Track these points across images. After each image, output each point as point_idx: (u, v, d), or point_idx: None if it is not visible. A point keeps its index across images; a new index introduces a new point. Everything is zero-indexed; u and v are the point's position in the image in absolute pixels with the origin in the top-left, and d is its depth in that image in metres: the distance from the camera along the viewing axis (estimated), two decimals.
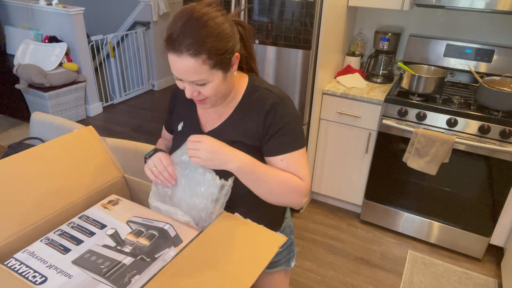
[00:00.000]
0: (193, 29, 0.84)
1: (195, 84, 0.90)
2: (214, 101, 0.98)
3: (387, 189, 2.36)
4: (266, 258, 0.80)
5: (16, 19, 4.06)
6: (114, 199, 1.02)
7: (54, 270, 0.77)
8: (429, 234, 2.34)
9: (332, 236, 2.45)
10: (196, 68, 0.86)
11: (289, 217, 1.24)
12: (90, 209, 0.97)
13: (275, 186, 0.95)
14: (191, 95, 0.93)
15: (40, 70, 3.41)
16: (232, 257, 0.79)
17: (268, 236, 0.85)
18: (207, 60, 0.86)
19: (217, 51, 0.86)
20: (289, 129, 0.98)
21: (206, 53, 0.85)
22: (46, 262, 0.79)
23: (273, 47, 2.16)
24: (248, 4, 2.11)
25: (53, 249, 0.83)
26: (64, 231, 0.89)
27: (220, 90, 0.94)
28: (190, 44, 0.84)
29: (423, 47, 2.43)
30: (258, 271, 0.76)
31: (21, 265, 0.79)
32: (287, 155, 0.98)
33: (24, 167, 0.97)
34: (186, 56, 0.85)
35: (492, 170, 2.03)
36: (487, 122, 1.96)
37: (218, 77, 0.91)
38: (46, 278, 0.75)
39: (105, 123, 3.89)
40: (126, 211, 0.96)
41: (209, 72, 0.88)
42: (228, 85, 0.97)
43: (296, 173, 0.98)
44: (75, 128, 1.72)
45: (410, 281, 2.10)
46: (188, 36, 0.84)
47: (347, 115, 2.33)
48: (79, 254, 0.82)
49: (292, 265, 1.25)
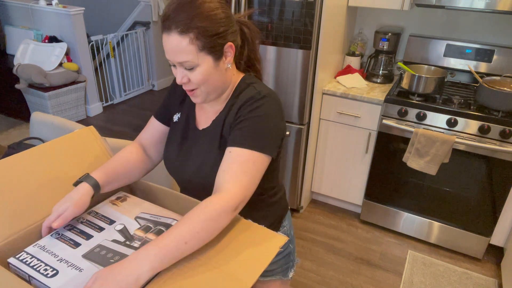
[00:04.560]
0: (185, 9, 0.85)
1: (184, 68, 0.89)
2: (205, 93, 0.94)
3: (387, 189, 2.36)
4: (267, 258, 0.79)
5: (16, 19, 4.06)
6: (122, 195, 1.03)
7: (65, 263, 0.79)
8: (429, 234, 2.34)
9: (332, 236, 2.45)
10: (183, 47, 0.85)
11: (288, 226, 1.20)
12: (99, 205, 0.98)
13: (196, 234, 0.78)
14: (181, 80, 0.91)
15: (40, 70, 3.41)
16: (233, 257, 0.79)
17: (269, 236, 0.85)
18: (195, 40, 0.85)
19: (205, 32, 0.85)
20: (254, 125, 0.91)
21: (194, 32, 0.85)
22: (57, 256, 0.81)
23: (273, 47, 2.16)
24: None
25: (63, 243, 0.85)
26: (74, 226, 0.90)
27: (210, 79, 0.91)
28: (179, 21, 0.84)
29: (423, 47, 2.43)
30: (259, 271, 0.76)
31: (33, 258, 0.80)
32: (236, 149, 0.89)
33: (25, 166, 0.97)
34: (174, 34, 0.85)
35: (492, 170, 2.03)
36: (487, 122, 1.96)
37: (208, 63, 0.89)
38: (57, 271, 0.77)
39: (105, 123, 3.89)
40: (134, 207, 0.98)
41: (196, 54, 0.86)
42: (221, 77, 0.94)
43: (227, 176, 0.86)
44: (75, 128, 1.72)
45: (410, 281, 2.10)
46: (179, 14, 0.85)
47: (347, 115, 2.33)
48: (89, 248, 0.83)
49: (290, 275, 1.20)
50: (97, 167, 1.04)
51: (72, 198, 0.88)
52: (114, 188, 1.01)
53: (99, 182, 0.94)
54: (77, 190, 0.91)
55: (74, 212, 0.87)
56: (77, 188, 0.91)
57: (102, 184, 0.95)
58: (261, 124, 0.91)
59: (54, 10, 3.66)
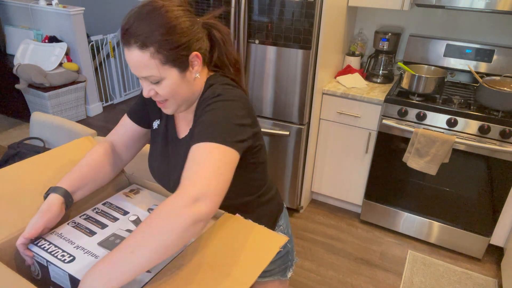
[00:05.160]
0: (144, 21, 0.81)
1: (150, 82, 0.86)
2: (175, 105, 0.91)
3: (387, 189, 2.36)
4: (267, 258, 0.80)
5: (16, 19, 4.06)
6: (135, 188, 1.07)
7: (81, 250, 0.82)
8: (429, 234, 2.34)
9: (332, 236, 2.45)
10: (144, 62, 0.82)
11: (284, 225, 1.18)
12: (113, 197, 1.02)
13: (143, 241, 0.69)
14: (148, 93, 0.87)
15: (40, 70, 3.41)
16: (232, 257, 0.79)
17: (269, 236, 0.85)
18: (156, 54, 0.81)
19: (167, 45, 0.81)
20: (206, 120, 0.83)
21: (154, 47, 0.80)
22: (74, 243, 0.85)
23: (273, 47, 2.16)
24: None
25: (79, 231, 0.88)
26: (89, 216, 0.94)
27: (178, 91, 0.88)
28: (138, 35, 0.80)
29: (423, 47, 2.43)
30: (258, 271, 0.76)
31: (50, 245, 0.83)
32: (192, 148, 0.79)
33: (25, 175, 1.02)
34: (134, 49, 0.81)
35: (492, 170, 2.03)
36: (487, 122, 1.96)
37: (173, 76, 0.85)
38: (74, 257, 0.80)
39: (105, 123, 3.89)
40: (147, 200, 1.01)
41: (160, 67, 0.83)
42: (189, 88, 0.90)
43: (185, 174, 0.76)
44: (75, 128, 1.72)
45: (410, 281, 2.10)
46: (137, 27, 0.80)
47: (347, 115, 2.33)
48: (104, 236, 0.87)
49: (288, 275, 1.19)
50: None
51: (40, 211, 0.86)
52: (88, 192, 0.98)
53: (67, 189, 0.92)
54: (45, 202, 0.88)
55: (43, 222, 0.84)
56: (46, 200, 0.89)
57: (72, 190, 0.92)
58: (213, 117, 0.83)
59: (54, 10, 3.66)
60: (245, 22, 2.15)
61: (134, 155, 1.11)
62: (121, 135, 1.08)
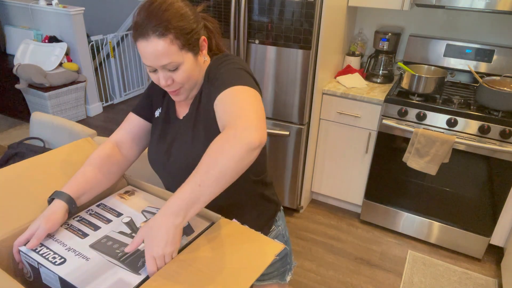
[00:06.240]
0: (156, 13, 0.86)
1: (168, 70, 0.90)
2: (188, 90, 0.97)
3: (387, 189, 2.36)
4: (261, 266, 0.79)
5: (16, 19, 4.06)
6: (130, 189, 1.06)
7: (72, 252, 0.82)
8: (429, 234, 2.34)
9: (332, 236, 2.45)
10: (165, 49, 0.86)
11: (282, 225, 1.18)
12: (107, 198, 1.02)
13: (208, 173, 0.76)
14: (166, 82, 0.92)
15: (40, 70, 3.41)
16: (226, 264, 0.78)
17: (265, 243, 0.84)
18: (175, 40, 0.87)
19: (183, 30, 0.88)
20: (226, 72, 0.91)
21: (173, 33, 0.86)
22: (65, 245, 0.84)
23: (273, 47, 2.16)
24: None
25: (72, 233, 0.88)
26: (82, 218, 0.93)
27: (192, 74, 0.94)
28: (156, 25, 0.85)
29: (423, 47, 2.43)
30: (252, 279, 0.75)
31: (42, 246, 0.83)
32: (222, 94, 0.87)
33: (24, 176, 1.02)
34: (153, 39, 0.86)
35: (492, 170, 2.03)
36: (487, 122, 1.96)
37: (189, 60, 0.91)
38: (65, 260, 0.80)
39: (105, 123, 3.89)
40: (141, 202, 1.01)
41: (179, 53, 0.88)
42: (200, 71, 0.97)
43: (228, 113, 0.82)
44: (75, 128, 1.72)
45: (410, 281, 2.10)
46: (151, 20, 0.86)
47: (347, 115, 2.33)
48: (97, 239, 0.86)
49: (287, 279, 1.19)
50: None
51: (43, 216, 0.86)
52: (93, 195, 0.98)
53: (71, 195, 0.91)
54: (49, 207, 0.88)
55: (46, 229, 0.84)
56: (49, 206, 0.89)
57: (75, 196, 0.92)
58: (229, 69, 0.92)
59: (54, 10, 3.66)
60: (245, 22, 2.15)
61: (139, 152, 1.11)
62: (127, 130, 1.09)
